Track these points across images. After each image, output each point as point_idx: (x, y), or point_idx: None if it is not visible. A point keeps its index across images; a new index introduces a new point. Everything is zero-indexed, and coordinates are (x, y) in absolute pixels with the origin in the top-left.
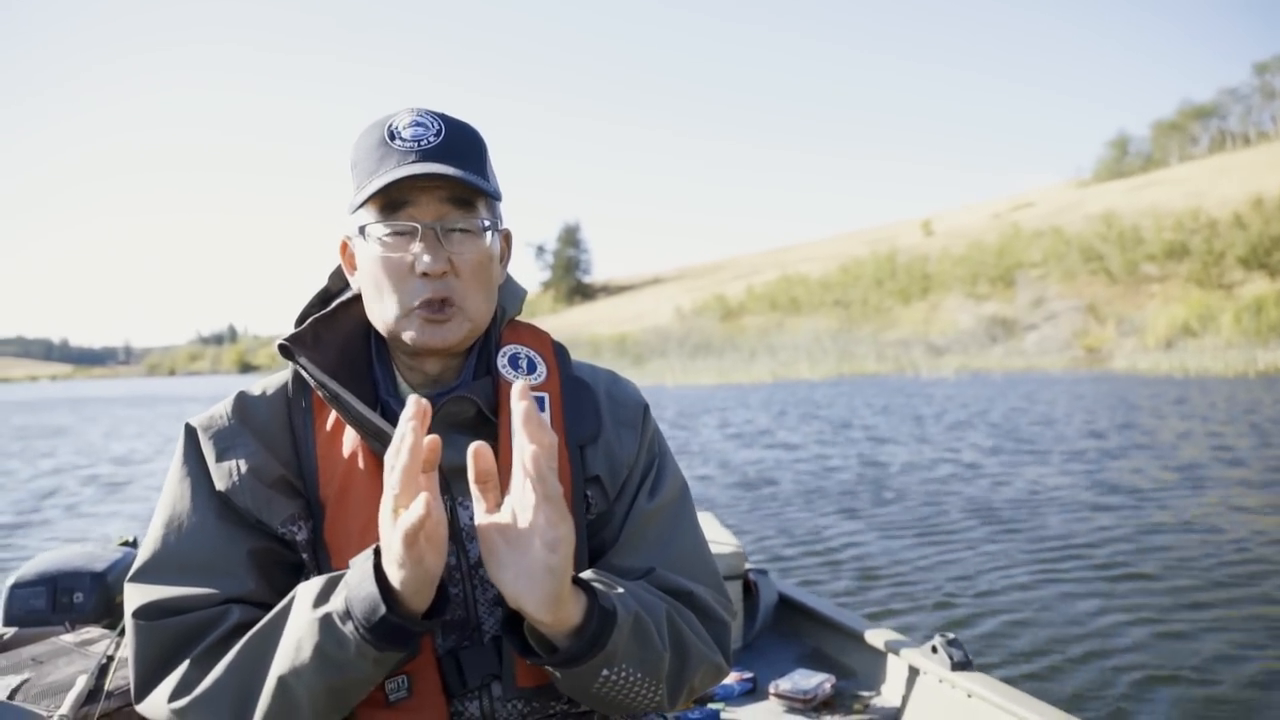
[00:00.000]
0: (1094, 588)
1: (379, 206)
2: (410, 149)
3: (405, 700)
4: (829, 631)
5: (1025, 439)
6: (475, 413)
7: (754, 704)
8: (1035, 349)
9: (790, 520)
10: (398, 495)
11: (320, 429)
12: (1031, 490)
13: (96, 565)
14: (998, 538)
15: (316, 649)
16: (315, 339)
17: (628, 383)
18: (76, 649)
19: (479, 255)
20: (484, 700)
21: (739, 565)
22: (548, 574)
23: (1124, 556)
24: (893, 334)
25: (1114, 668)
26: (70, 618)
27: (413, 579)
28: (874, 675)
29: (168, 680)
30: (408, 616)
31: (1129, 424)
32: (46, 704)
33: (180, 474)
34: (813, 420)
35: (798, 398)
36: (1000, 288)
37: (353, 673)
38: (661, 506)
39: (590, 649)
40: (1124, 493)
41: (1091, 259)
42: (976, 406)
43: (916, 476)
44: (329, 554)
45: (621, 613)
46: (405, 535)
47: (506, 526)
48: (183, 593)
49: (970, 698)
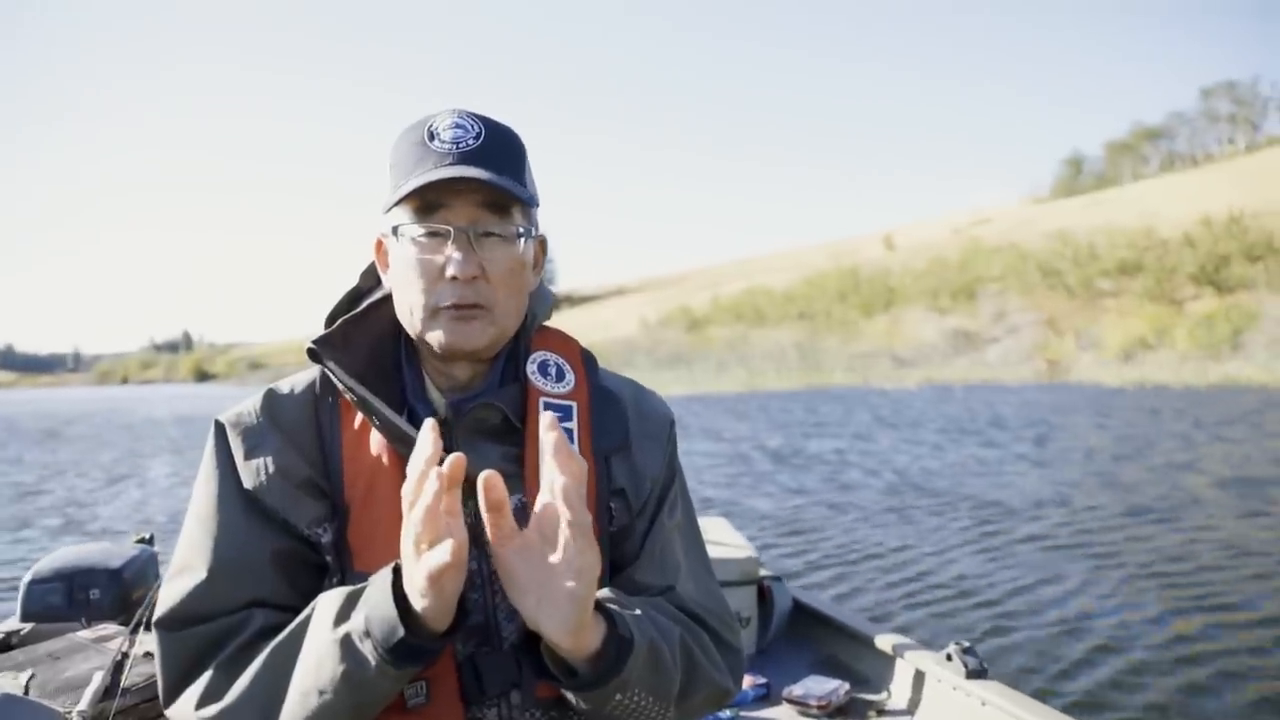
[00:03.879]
0: (1111, 600)
1: (414, 207)
2: (448, 151)
3: (424, 706)
4: (843, 638)
5: (1045, 450)
6: (501, 419)
7: (767, 709)
8: (998, 361)
9: (809, 527)
10: (420, 533)
11: (347, 430)
12: (1045, 499)
13: (113, 562)
14: (1014, 547)
15: (337, 667)
16: (345, 340)
17: (654, 395)
18: (93, 645)
19: (511, 261)
20: (502, 708)
21: (753, 571)
22: (571, 601)
23: (1142, 567)
24: (857, 346)
25: (1129, 678)
26: (86, 614)
27: (434, 606)
28: (888, 682)
29: (194, 687)
30: (426, 636)
31: (1139, 435)
32: (63, 700)
33: (210, 470)
34: (808, 430)
35: (783, 409)
36: (962, 301)
37: (372, 690)
38: (680, 524)
39: (606, 676)
40: (1145, 508)
41: (1049, 274)
42: (988, 415)
43: (938, 484)
44: (352, 556)
45: (639, 640)
46: (430, 575)
47: (529, 550)
48: (204, 600)
49: (985, 706)
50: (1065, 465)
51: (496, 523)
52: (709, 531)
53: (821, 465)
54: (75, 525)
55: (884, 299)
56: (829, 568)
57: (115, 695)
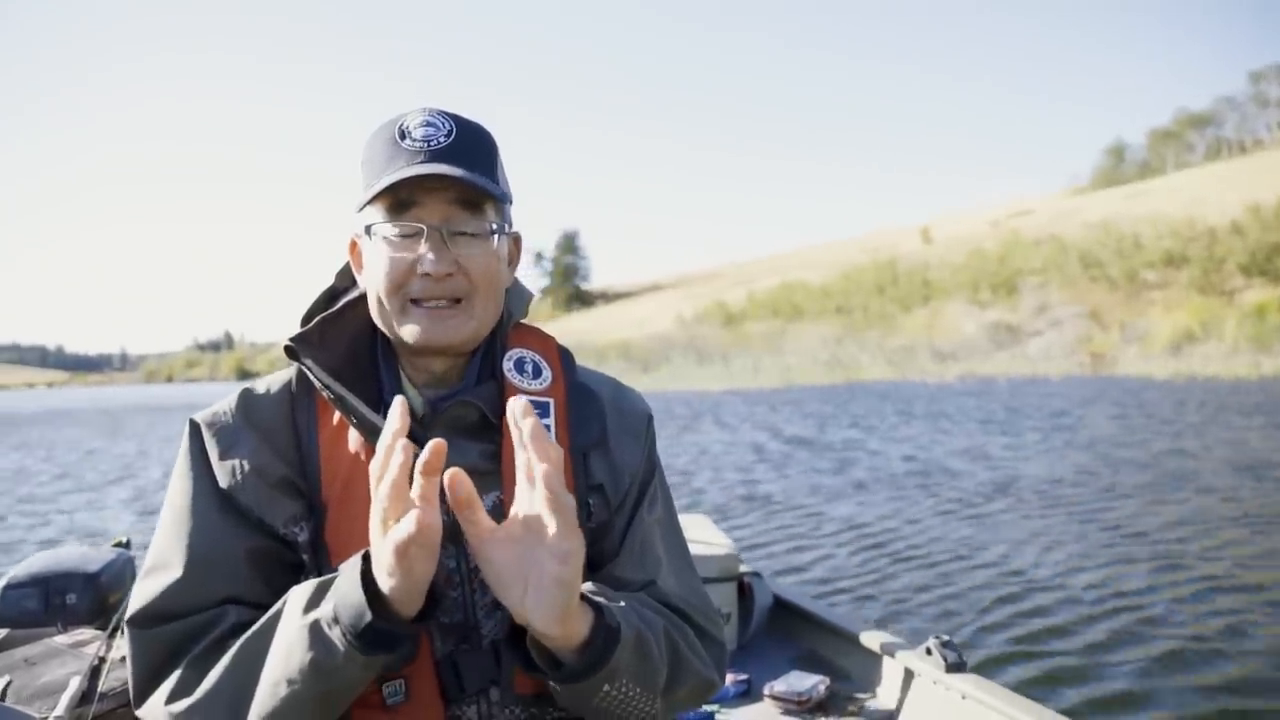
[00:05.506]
0: (1089, 593)
1: (386, 206)
2: (420, 149)
3: (402, 704)
4: (824, 633)
5: (1033, 437)
6: (479, 417)
7: (749, 706)
8: (1040, 355)
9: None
10: (386, 509)
11: (324, 428)
12: (1032, 492)
13: (89, 567)
14: (995, 541)
15: (306, 655)
16: (322, 338)
17: (632, 391)
18: (69, 650)
19: (485, 258)
20: (482, 705)
21: (733, 567)
22: (558, 587)
23: (1117, 559)
24: (895, 341)
25: (1108, 670)
26: (63, 619)
27: (402, 587)
28: (868, 677)
29: (165, 684)
30: (395, 622)
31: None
32: (39, 705)
33: (185, 470)
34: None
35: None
36: (1002, 294)
37: (342, 677)
38: (660, 519)
39: (595, 665)
40: (1126, 497)
41: (1092, 266)
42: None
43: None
44: (329, 555)
45: (625, 629)
46: (396, 548)
47: (512, 541)
48: (178, 598)
49: (965, 699)
50: (1102, 458)
51: (471, 519)
52: (689, 528)
53: (835, 453)
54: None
55: (922, 293)
56: (810, 554)
57: (92, 700)
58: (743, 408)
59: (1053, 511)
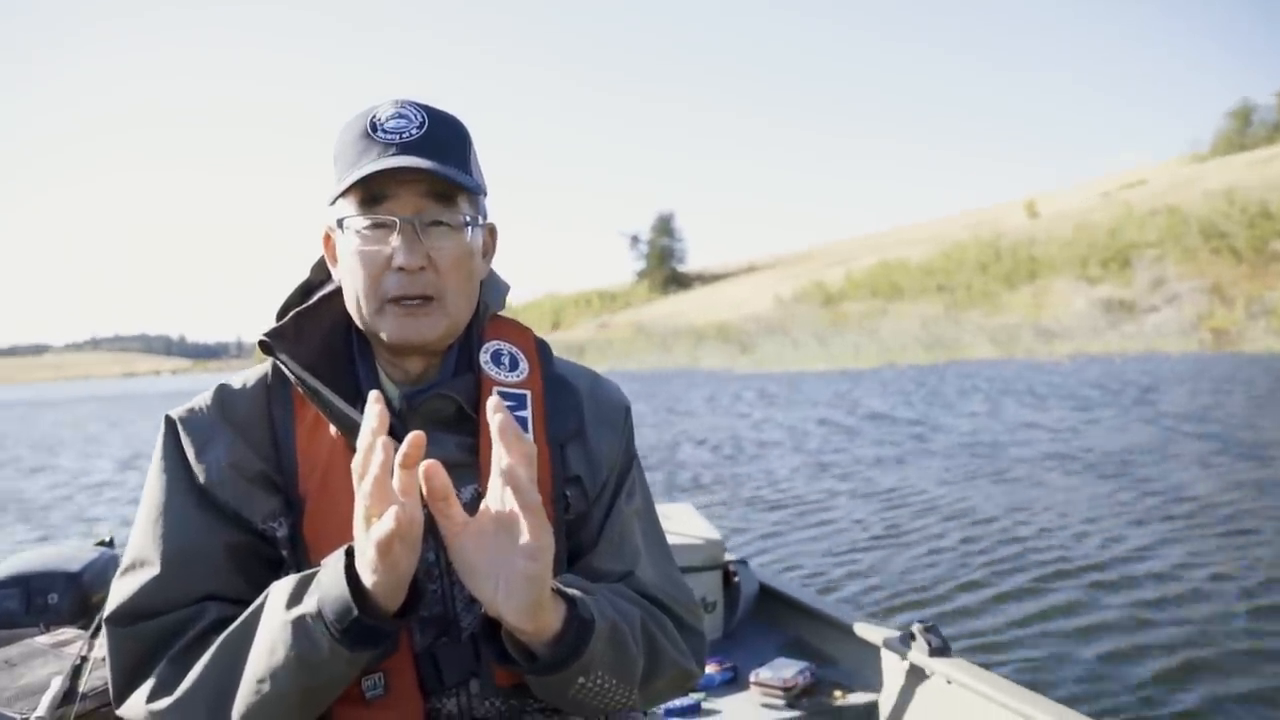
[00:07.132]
0: (1074, 578)
1: (358, 199)
2: (391, 141)
3: (381, 698)
4: (809, 620)
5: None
6: (456, 409)
7: (735, 694)
8: (1155, 332)
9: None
10: (369, 506)
11: (301, 423)
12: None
13: (71, 566)
14: (980, 527)
15: (290, 651)
16: (298, 332)
17: (610, 383)
18: (51, 650)
19: (458, 250)
20: (461, 698)
21: (718, 555)
22: (528, 582)
23: (1105, 542)
24: (999, 319)
25: (1092, 654)
26: (45, 619)
27: (385, 582)
28: (853, 663)
29: (146, 682)
30: (380, 617)
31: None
32: (20, 706)
33: (161, 466)
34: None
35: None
36: (1114, 269)
37: (326, 673)
38: (638, 510)
39: (568, 658)
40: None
41: (1213, 237)
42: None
43: None
44: (308, 550)
45: (599, 621)
46: (379, 544)
47: (484, 536)
48: (157, 595)
49: (949, 684)
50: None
51: (445, 512)
52: (674, 517)
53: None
54: None
55: (1028, 269)
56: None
57: (74, 700)
58: (843, 385)
59: (1091, 488)
